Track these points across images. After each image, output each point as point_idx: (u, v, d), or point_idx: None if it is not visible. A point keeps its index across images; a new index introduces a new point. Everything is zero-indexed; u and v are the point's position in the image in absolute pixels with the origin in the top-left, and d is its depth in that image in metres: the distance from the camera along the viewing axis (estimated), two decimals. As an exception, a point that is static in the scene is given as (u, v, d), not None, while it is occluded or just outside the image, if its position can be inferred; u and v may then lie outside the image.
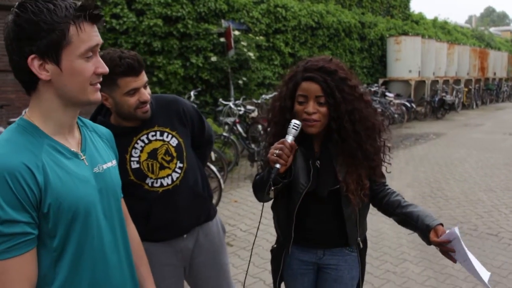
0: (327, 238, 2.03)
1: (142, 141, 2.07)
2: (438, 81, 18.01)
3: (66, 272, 1.21)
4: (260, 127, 8.47)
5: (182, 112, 2.19)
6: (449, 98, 17.28)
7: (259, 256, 4.31)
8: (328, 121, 1.86)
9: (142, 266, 1.63)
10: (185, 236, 2.20)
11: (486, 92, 23.14)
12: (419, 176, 7.80)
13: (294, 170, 1.91)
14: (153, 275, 2.12)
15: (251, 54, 10.74)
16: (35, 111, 1.23)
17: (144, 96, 1.96)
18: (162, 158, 2.09)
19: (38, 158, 1.16)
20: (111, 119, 2.09)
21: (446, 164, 8.74)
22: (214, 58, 10.08)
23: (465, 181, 7.43)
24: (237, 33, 10.63)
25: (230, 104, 8.91)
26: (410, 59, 16.50)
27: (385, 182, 2.05)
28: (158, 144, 2.09)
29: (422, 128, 14.20)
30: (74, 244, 1.22)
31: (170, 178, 2.11)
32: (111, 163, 1.42)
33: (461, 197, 6.51)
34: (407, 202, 1.94)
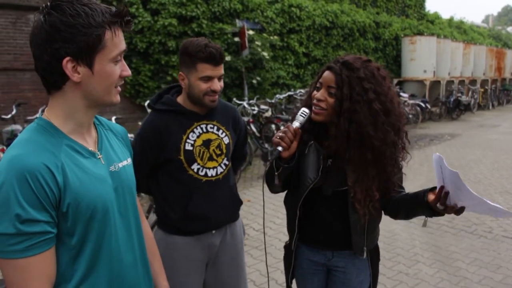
0: (333, 240, 2.03)
1: (201, 128, 2.21)
2: (453, 81, 17.83)
3: (84, 269, 1.24)
4: (273, 127, 8.48)
5: (237, 119, 2.39)
6: (464, 98, 17.08)
7: (272, 255, 4.32)
8: (333, 113, 1.85)
9: (155, 262, 1.66)
10: (213, 232, 2.27)
11: (502, 92, 22.84)
12: (434, 177, 7.68)
13: (302, 163, 1.94)
14: (178, 270, 2.21)
15: (265, 53, 10.75)
16: (56, 111, 1.25)
17: (215, 85, 2.12)
18: (213, 150, 2.23)
19: (57, 158, 1.18)
20: (178, 99, 2.23)
21: (461, 165, 8.65)
22: (228, 58, 10.11)
23: (480, 182, 7.36)
24: (251, 32, 10.64)
25: (244, 103, 8.94)
26: (425, 59, 16.36)
27: (402, 190, 1.97)
28: (214, 136, 2.24)
29: (437, 128, 14.07)
30: (92, 242, 1.25)
31: (215, 170, 2.23)
32: (126, 162, 1.45)
33: (476, 199, 6.42)
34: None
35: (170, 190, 2.20)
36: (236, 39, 10.36)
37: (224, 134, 2.27)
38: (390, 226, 5.15)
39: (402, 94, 14.51)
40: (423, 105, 14.86)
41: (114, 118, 6.63)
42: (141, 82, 9.54)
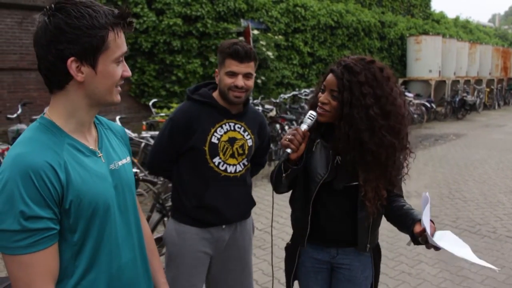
0: (340, 236, 2.05)
1: (230, 125, 2.32)
2: (459, 81, 17.76)
3: (85, 265, 1.27)
4: (278, 127, 8.49)
5: (264, 126, 2.51)
6: (470, 98, 17.02)
7: (275, 255, 4.32)
8: (336, 115, 1.89)
9: (154, 259, 1.69)
10: (223, 226, 2.35)
11: (508, 92, 22.72)
12: (438, 177, 7.72)
13: (310, 160, 1.98)
14: (185, 261, 2.28)
15: (270, 53, 10.77)
16: (58, 110, 1.28)
17: (238, 82, 2.21)
18: (236, 149, 2.33)
19: (60, 156, 1.21)
20: (213, 94, 2.35)
21: (466, 165, 8.64)
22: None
23: (484, 182, 7.34)
24: (256, 32, 10.66)
25: (248, 103, 8.93)
26: (430, 59, 16.32)
27: (401, 195, 2.01)
28: (239, 136, 2.35)
29: (442, 128, 14.04)
30: (93, 238, 1.27)
31: (234, 168, 2.33)
32: (126, 160, 1.48)
33: (480, 198, 6.44)
34: (407, 206, 1.91)
35: (189, 179, 2.30)
36: (241, 39, 10.35)
37: (249, 136, 2.37)
38: (393, 226, 5.15)
39: (407, 93, 14.48)
40: (428, 105, 14.85)
41: (118, 118, 6.67)
42: (145, 82, 9.59)
